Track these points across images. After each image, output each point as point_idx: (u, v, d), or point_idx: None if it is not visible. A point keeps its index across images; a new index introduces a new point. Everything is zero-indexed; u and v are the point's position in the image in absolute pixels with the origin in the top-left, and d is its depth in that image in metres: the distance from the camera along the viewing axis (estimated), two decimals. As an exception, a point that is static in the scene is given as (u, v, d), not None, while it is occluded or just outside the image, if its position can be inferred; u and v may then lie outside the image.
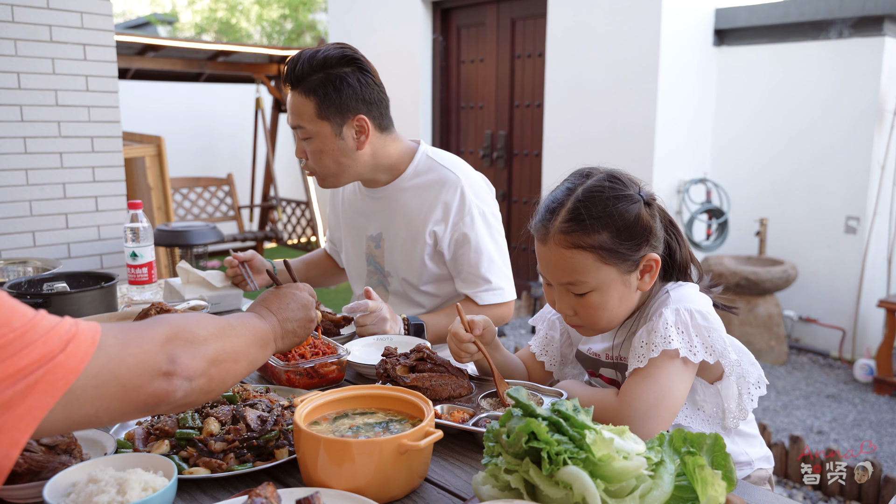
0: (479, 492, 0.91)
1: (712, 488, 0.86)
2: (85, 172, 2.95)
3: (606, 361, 1.33)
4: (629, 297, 1.23)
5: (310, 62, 1.64)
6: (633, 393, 1.15)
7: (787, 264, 4.62)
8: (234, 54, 6.54)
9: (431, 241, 1.77)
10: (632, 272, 1.20)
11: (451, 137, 6.41)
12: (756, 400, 1.25)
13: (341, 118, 1.67)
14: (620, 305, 1.22)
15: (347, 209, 1.96)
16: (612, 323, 1.24)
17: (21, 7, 2.70)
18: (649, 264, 1.20)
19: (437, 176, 1.77)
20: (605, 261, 1.17)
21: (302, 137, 1.71)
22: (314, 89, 1.64)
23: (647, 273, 1.21)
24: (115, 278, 1.81)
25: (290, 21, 12.61)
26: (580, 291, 1.19)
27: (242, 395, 1.21)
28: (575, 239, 1.16)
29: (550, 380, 1.48)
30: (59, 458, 0.99)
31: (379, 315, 1.61)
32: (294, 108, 1.67)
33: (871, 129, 4.48)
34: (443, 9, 6.18)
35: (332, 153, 1.70)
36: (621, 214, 1.16)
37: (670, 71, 4.76)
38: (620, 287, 1.20)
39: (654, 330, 1.16)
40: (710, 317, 1.19)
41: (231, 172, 7.61)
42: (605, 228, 1.15)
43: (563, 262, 1.18)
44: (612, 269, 1.17)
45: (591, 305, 1.20)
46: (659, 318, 1.17)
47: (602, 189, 1.18)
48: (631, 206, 1.17)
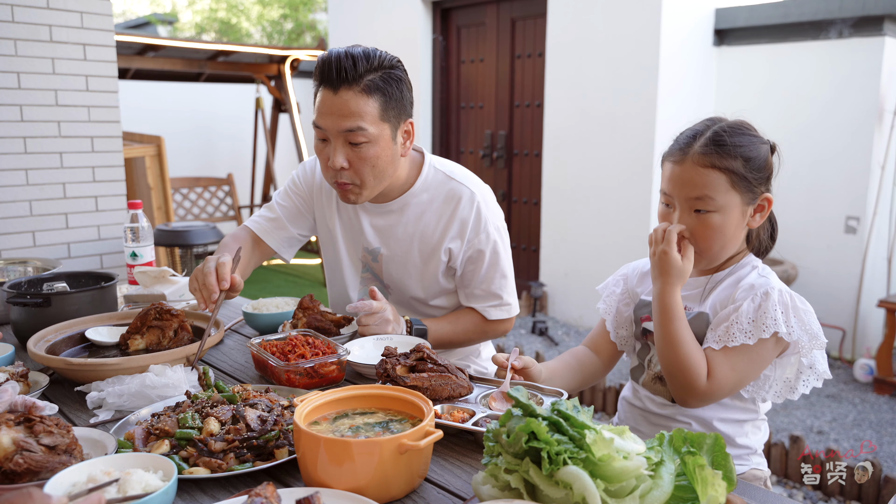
0: (479, 492, 0.91)
1: (712, 488, 0.86)
2: (85, 172, 2.95)
3: None
4: (741, 230, 1.35)
5: (368, 60, 1.52)
6: (737, 367, 1.28)
7: (787, 264, 4.62)
8: (234, 54, 6.54)
9: (446, 258, 1.73)
10: (750, 205, 1.32)
11: (451, 137, 6.41)
12: (809, 387, 1.32)
13: (398, 121, 1.58)
14: (734, 235, 1.33)
15: (343, 213, 1.82)
16: (725, 250, 1.35)
17: (21, 7, 2.70)
18: (763, 203, 1.33)
19: (451, 190, 1.71)
20: (734, 185, 1.29)
21: (356, 142, 1.54)
22: (379, 88, 1.52)
23: (759, 212, 1.34)
24: (115, 278, 1.82)
25: (290, 21, 12.61)
26: (706, 208, 1.30)
27: (242, 395, 1.20)
28: (713, 159, 1.29)
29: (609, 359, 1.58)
30: (59, 458, 0.99)
31: (382, 316, 1.59)
32: (350, 109, 1.51)
33: (871, 129, 4.48)
34: (443, 9, 6.18)
35: (385, 160, 1.58)
36: (756, 147, 1.31)
37: (670, 71, 4.76)
38: (738, 216, 1.32)
39: (765, 311, 1.26)
40: (806, 301, 1.30)
41: (231, 172, 7.61)
42: (741, 156, 1.29)
43: (697, 178, 1.30)
44: (737, 196, 1.30)
45: (711, 226, 1.31)
46: (766, 298, 1.27)
47: (740, 126, 1.34)
48: (762, 145, 1.33)
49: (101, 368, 1.34)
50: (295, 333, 1.51)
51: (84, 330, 1.60)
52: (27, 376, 1.34)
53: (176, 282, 1.92)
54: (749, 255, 1.40)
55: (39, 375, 1.38)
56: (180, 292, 1.90)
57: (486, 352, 1.98)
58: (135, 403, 1.27)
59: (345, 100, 1.52)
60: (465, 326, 1.77)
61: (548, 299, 5.55)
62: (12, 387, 1.18)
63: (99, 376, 1.34)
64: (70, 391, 1.38)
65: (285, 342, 1.47)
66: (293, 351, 1.43)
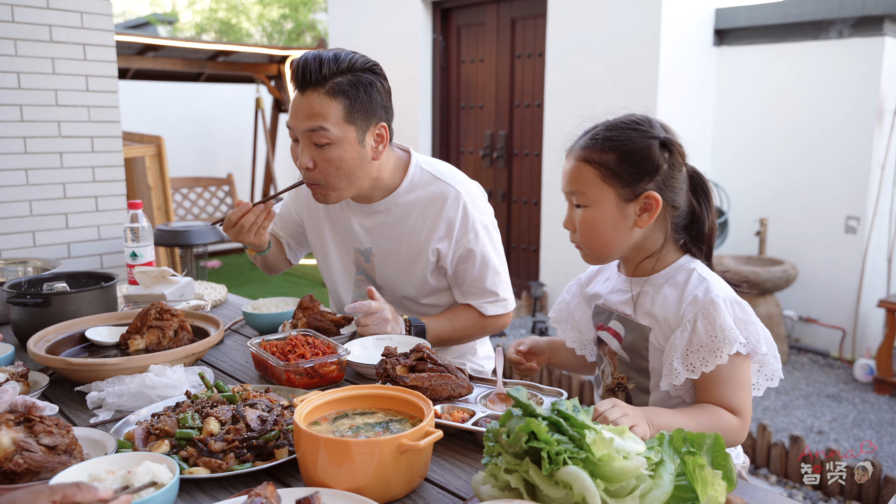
0: (479, 492, 0.91)
1: (712, 488, 0.86)
2: (85, 172, 2.96)
3: (618, 315, 1.38)
4: (624, 229, 1.29)
5: (336, 63, 1.54)
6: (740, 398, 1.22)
7: (787, 264, 4.62)
8: (234, 54, 6.55)
9: (434, 258, 1.73)
10: (630, 202, 1.27)
11: (451, 137, 6.41)
12: (762, 390, 1.28)
13: (366, 124, 1.59)
14: (614, 232, 1.29)
15: (333, 217, 1.84)
16: (606, 248, 1.31)
17: (21, 7, 2.70)
18: (650, 203, 1.26)
19: (437, 190, 1.71)
20: (605, 179, 1.27)
21: (319, 143, 1.57)
22: (344, 90, 1.54)
23: (646, 212, 1.27)
24: (115, 278, 1.82)
25: (290, 21, 12.61)
26: (579, 202, 1.30)
27: (242, 395, 1.20)
28: (586, 154, 1.29)
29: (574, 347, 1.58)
30: (59, 458, 0.99)
31: (381, 316, 1.59)
32: (314, 110, 1.54)
33: (870, 128, 4.48)
34: (443, 9, 6.18)
35: (351, 162, 1.59)
36: (632, 141, 1.27)
37: (670, 71, 4.76)
38: (615, 212, 1.28)
39: (721, 326, 1.20)
40: (747, 308, 1.24)
41: (231, 172, 7.61)
42: (613, 151, 1.27)
43: (572, 172, 1.31)
44: (610, 190, 1.27)
45: (586, 220, 1.29)
46: (716, 310, 1.21)
47: (626, 122, 1.31)
48: (643, 139, 1.27)
49: (101, 368, 1.34)
50: (295, 333, 1.52)
51: (84, 330, 1.60)
52: (27, 376, 1.34)
53: (176, 282, 1.92)
54: (685, 258, 1.32)
55: (39, 375, 1.38)
56: (180, 292, 1.90)
57: (483, 350, 1.98)
58: (135, 403, 1.27)
59: (309, 101, 1.55)
60: (464, 323, 1.77)
61: (548, 299, 5.55)
62: (12, 387, 1.18)
63: (99, 376, 1.34)
64: (70, 391, 1.38)
65: (285, 342, 1.47)
66: (293, 351, 1.43)
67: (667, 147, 1.27)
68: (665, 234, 1.32)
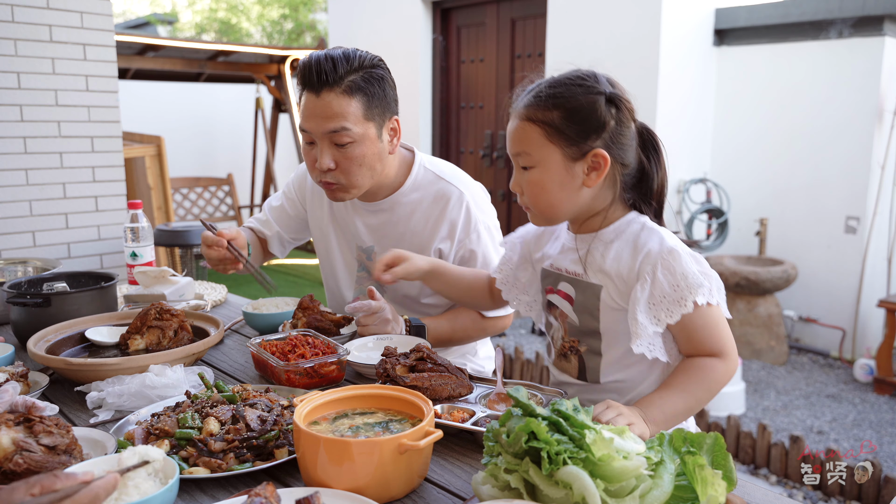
0: (478, 492, 0.91)
1: (712, 488, 0.86)
2: (85, 172, 2.96)
3: (567, 276, 1.33)
4: (572, 188, 1.24)
5: (348, 61, 1.54)
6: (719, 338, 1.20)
7: (787, 264, 4.62)
8: (234, 54, 6.55)
9: (436, 258, 1.72)
10: (577, 161, 1.22)
11: (451, 137, 6.41)
12: None
13: (382, 119, 1.59)
14: (561, 192, 1.24)
15: (336, 214, 1.84)
16: (553, 210, 1.26)
17: (21, 7, 2.70)
18: (598, 161, 1.21)
19: (440, 191, 1.72)
20: (550, 138, 1.22)
21: (341, 143, 1.56)
22: (360, 87, 1.54)
23: (594, 171, 1.22)
24: (115, 278, 1.82)
25: (290, 21, 12.61)
26: (524, 164, 1.25)
27: (242, 395, 1.20)
28: (530, 112, 1.23)
29: (501, 301, 1.53)
30: (59, 458, 0.99)
31: (381, 316, 1.59)
32: (333, 111, 1.53)
33: (870, 128, 4.48)
34: (443, 9, 6.18)
35: (372, 158, 1.60)
36: (576, 98, 1.21)
37: (670, 71, 4.76)
38: (562, 171, 1.23)
39: (683, 273, 1.17)
40: (702, 260, 1.21)
41: (231, 172, 7.61)
42: (557, 108, 1.21)
43: (516, 133, 1.25)
44: (555, 150, 1.22)
45: (533, 182, 1.25)
46: (676, 258, 1.18)
47: (570, 78, 1.25)
48: (587, 95, 1.22)
49: (101, 368, 1.34)
50: (295, 333, 1.52)
51: (84, 330, 1.60)
52: (27, 376, 1.34)
53: (176, 282, 1.92)
54: (632, 213, 1.29)
55: (39, 375, 1.38)
56: (180, 292, 1.90)
57: (484, 351, 1.98)
58: (135, 403, 1.27)
59: (327, 101, 1.54)
60: (464, 324, 1.77)
61: (548, 299, 5.55)
62: (12, 387, 1.18)
63: (99, 376, 1.34)
64: (70, 391, 1.38)
65: (285, 342, 1.47)
66: (293, 351, 1.43)
67: (613, 102, 1.22)
68: (614, 194, 1.27)
